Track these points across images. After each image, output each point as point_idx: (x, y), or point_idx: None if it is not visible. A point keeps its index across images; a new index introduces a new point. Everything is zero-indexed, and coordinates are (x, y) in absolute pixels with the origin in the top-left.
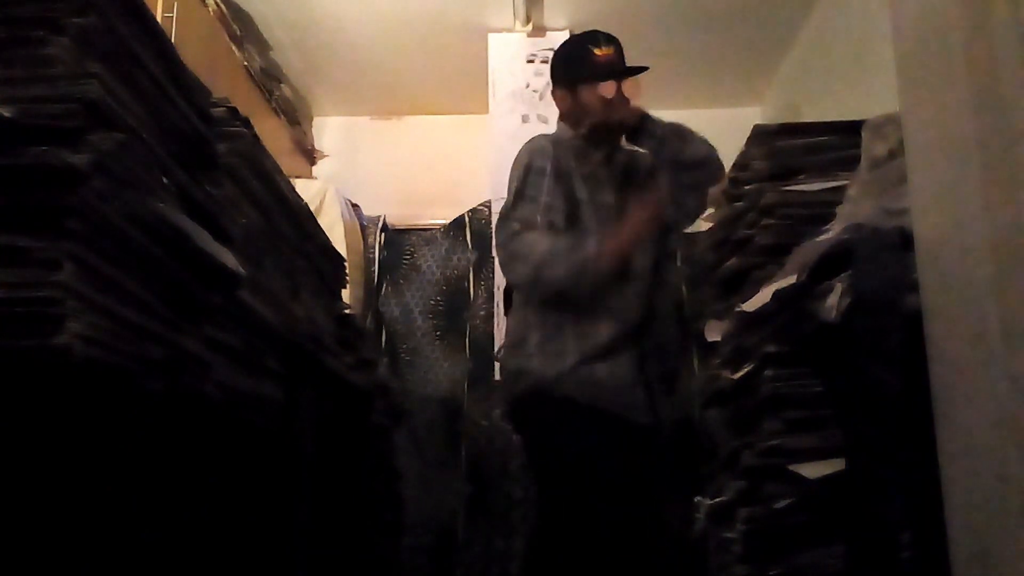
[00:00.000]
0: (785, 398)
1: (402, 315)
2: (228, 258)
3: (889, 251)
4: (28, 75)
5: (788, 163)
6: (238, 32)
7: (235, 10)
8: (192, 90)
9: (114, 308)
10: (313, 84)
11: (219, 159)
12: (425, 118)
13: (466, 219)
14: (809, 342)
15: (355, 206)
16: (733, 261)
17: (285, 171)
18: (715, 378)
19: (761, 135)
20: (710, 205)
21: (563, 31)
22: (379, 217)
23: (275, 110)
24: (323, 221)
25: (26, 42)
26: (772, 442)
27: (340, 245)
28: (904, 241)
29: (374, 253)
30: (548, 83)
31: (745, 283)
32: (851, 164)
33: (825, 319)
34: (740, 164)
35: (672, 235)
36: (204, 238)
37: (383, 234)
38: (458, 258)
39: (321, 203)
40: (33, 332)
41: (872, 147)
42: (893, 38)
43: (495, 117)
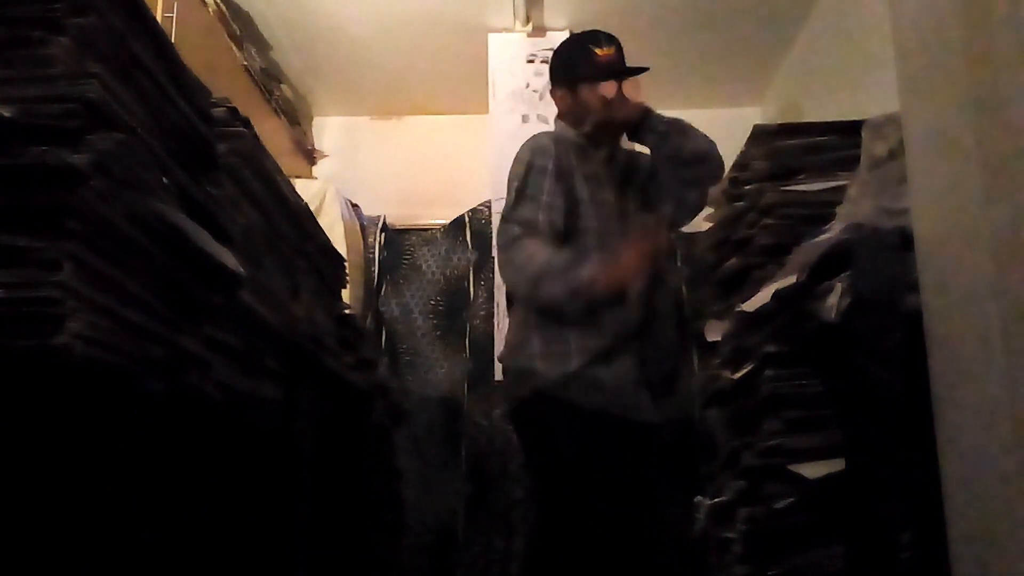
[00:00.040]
0: (785, 398)
1: (402, 315)
2: (228, 258)
3: (889, 251)
4: (28, 75)
5: (788, 163)
6: (238, 32)
7: (235, 10)
8: (192, 90)
9: (114, 308)
10: (313, 84)
11: (219, 159)
12: (425, 118)
13: (466, 219)
14: (809, 342)
15: (355, 206)
16: (733, 261)
17: (285, 171)
18: (715, 378)
19: (761, 135)
20: (710, 205)
21: (563, 31)
22: (379, 217)
23: (275, 110)
24: (323, 221)
25: (26, 42)
26: (772, 442)
27: (340, 245)
28: (904, 241)
29: (374, 253)
30: (548, 83)
31: (745, 283)
32: (851, 164)
33: (825, 319)
34: (740, 164)
35: (671, 237)
36: (204, 238)
37: (383, 234)
38: (458, 258)
39: (321, 203)
40: (33, 332)
41: (872, 147)
42: (893, 38)
43: (495, 117)
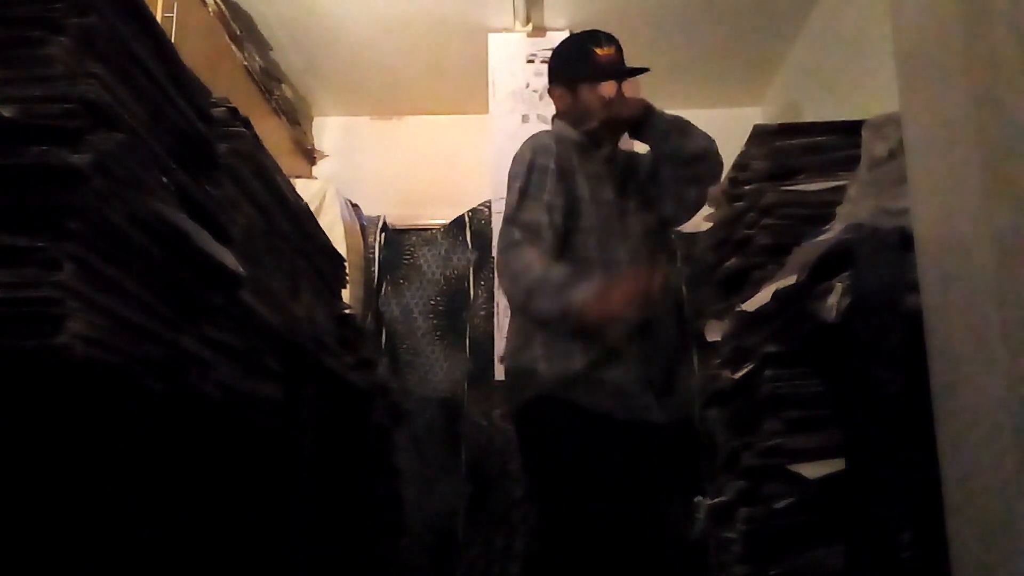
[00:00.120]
0: (785, 398)
1: (402, 315)
2: (228, 258)
3: (889, 251)
4: (28, 75)
5: (788, 163)
6: (238, 32)
7: (235, 10)
8: (192, 90)
9: (114, 308)
10: (313, 84)
11: (219, 159)
12: (425, 118)
13: (466, 219)
14: (809, 342)
15: (355, 206)
16: (733, 261)
17: (285, 171)
18: (715, 378)
19: (761, 135)
20: (710, 205)
21: (563, 31)
22: (379, 217)
23: (275, 110)
24: (323, 221)
25: (26, 42)
26: (772, 442)
27: (340, 245)
28: (904, 241)
29: (374, 253)
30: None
31: (745, 283)
32: (851, 164)
33: (825, 319)
34: (740, 164)
35: (670, 236)
36: (204, 238)
37: (383, 234)
38: (458, 258)
39: (321, 203)
40: (33, 332)
41: (872, 147)
42: (893, 38)
43: (495, 117)
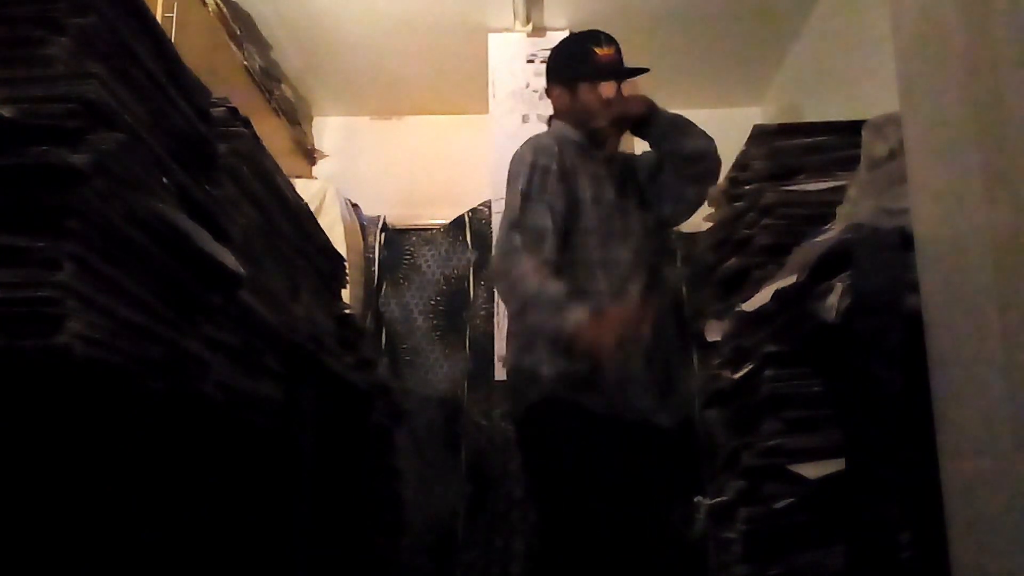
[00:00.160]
0: (785, 398)
1: (402, 315)
2: (228, 258)
3: (889, 251)
4: (28, 75)
5: (788, 163)
6: (238, 32)
7: (235, 10)
8: (192, 90)
9: (114, 308)
10: (313, 84)
11: (219, 159)
12: (425, 118)
13: (466, 219)
14: (809, 342)
15: (355, 206)
16: (733, 261)
17: (285, 171)
18: (715, 378)
19: (761, 135)
20: (710, 205)
21: (563, 31)
22: (379, 217)
23: (275, 110)
24: (323, 221)
25: (26, 42)
26: (772, 442)
27: (340, 245)
28: (904, 241)
29: (374, 253)
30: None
31: (745, 283)
32: (851, 164)
33: (825, 319)
34: (740, 164)
35: (669, 236)
36: (204, 238)
37: (383, 234)
38: (458, 258)
39: (321, 203)
40: (33, 332)
41: (872, 147)
42: (893, 38)
43: (495, 117)
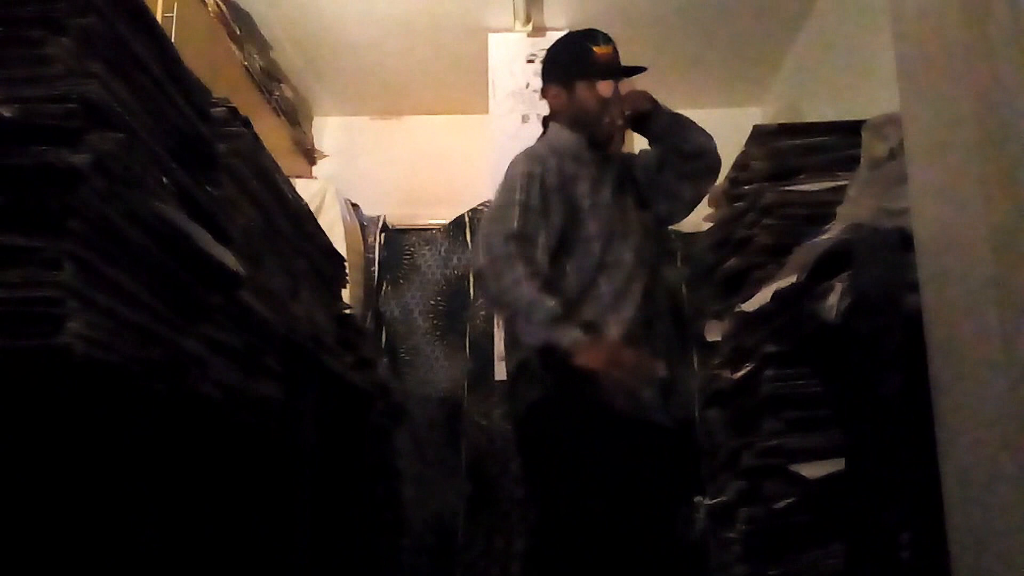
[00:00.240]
0: (785, 398)
1: (402, 315)
2: (228, 258)
3: (889, 251)
4: (28, 75)
5: (788, 163)
6: (238, 32)
7: (235, 10)
8: (192, 90)
9: (114, 308)
10: (313, 84)
11: (219, 159)
12: (425, 118)
13: (466, 219)
14: (809, 342)
15: (355, 206)
16: (733, 261)
17: (285, 171)
18: (715, 378)
19: (761, 135)
20: (710, 205)
21: (563, 31)
22: (379, 217)
23: (275, 110)
24: (323, 221)
25: (26, 42)
26: (772, 442)
27: (340, 245)
28: (904, 241)
29: (374, 253)
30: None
31: (745, 283)
32: (851, 164)
33: (825, 319)
34: (740, 164)
35: (668, 235)
36: (204, 238)
37: (383, 234)
38: (458, 258)
39: (321, 203)
40: (33, 332)
41: (872, 147)
42: (893, 38)
43: (495, 117)
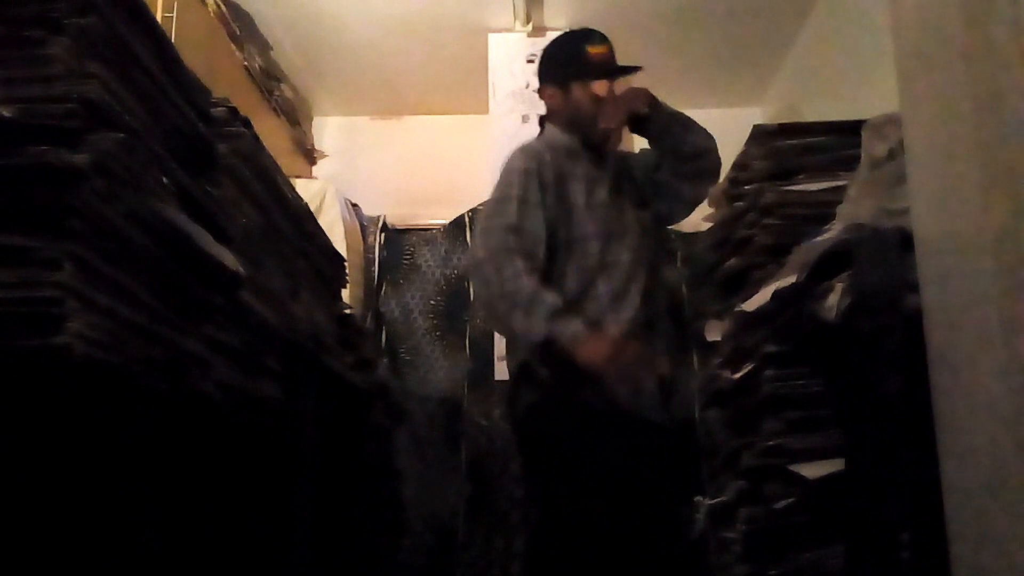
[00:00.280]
0: (785, 398)
1: (402, 315)
2: (228, 258)
3: (889, 251)
4: (28, 75)
5: (788, 163)
6: (238, 32)
7: (235, 10)
8: (192, 90)
9: (114, 308)
10: (313, 84)
11: (219, 159)
12: (425, 118)
13: (466, 219)
14: (809, 342)
15: (355, 206)
16: (733, 261)
17: (285, 171)
18: (715, 378)
19: (761, 135)
20: (710, 205)
21: (563, 31)
22: (379, 217)
23: (275, 110)
24: (323, 221)
25: (26, 42)
26: (772, 442)
27: (340, 245)
28: (904, 241)
29: (374, 253)
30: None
31: (745, 283)
32: (851, 164)
33: (825, 319)
34: (740, 164)
35: (668, 234)
36: (204, 238)
37: (383, 234)
38: (458, 258)
39: (321, 203)
40: (33, 332)
41: (872, 147)
42: (893, 38)
43: (495, 117)
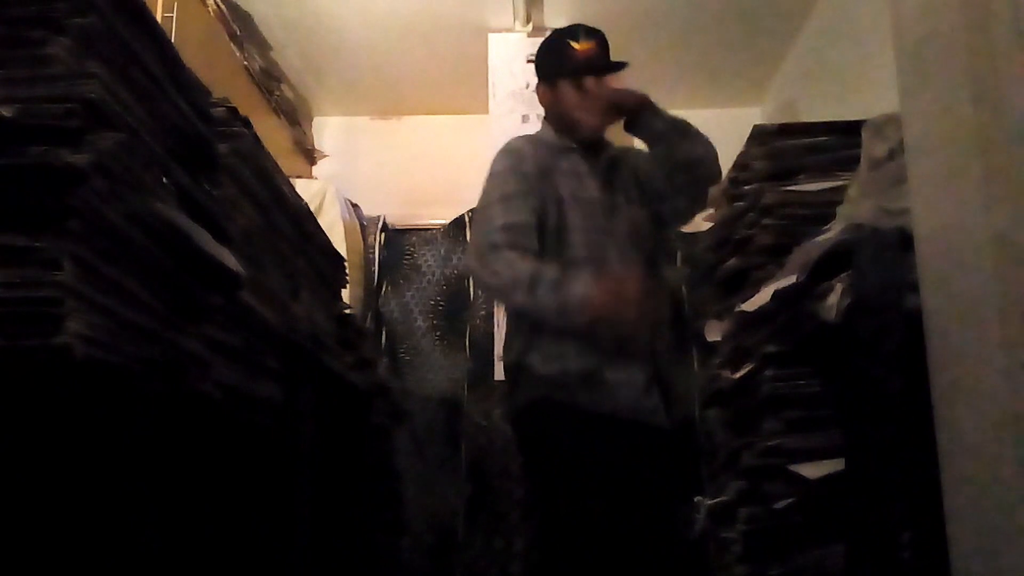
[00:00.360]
0: (785, 398)
1: (402, 315)
2: (228, 258)
3: (889, 251)
4: (28, 75)
5: (788, 163)
6: (238, 32)
7: (235, 10)
8: (192, 90)
9: (114, 308)
10: (313, 84)
11: (219, 159)
12: (425, 118)
13: (466, 219)
14: (809, 342)
15: (355, 206)
16: (733, 261)
17: (285, 171)
18: (715, 378)
19: (761, 135)
20: (710, 205)
21: None
22: (379, 217)
23: (275, 110)
24: (323, 221)
25: (26, 42)
26: (772, 442)
27: (340, 245)
28: (904, 241)
29: (374, 253)
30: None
31: (745, 283)
32: (851, 164)
33: (825, 319)
34: (740, 164)
35: (667, 235)
36: (204, 238)
37: (383, 234)
38: (458, 258)
39: (321, 203)
40: (33, 332)
41: (872, 147)
42: (893, 38)
43: (495, 117)
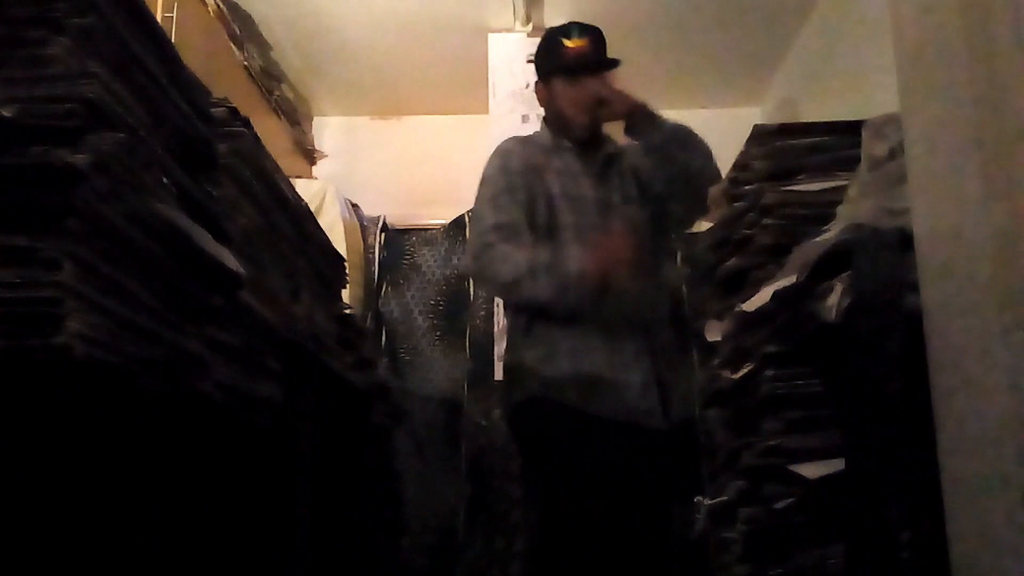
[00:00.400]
0: (785, 398)
1: (402, 315)
2: (228, 258)
3: (889, 251)
4: (28, 75)
5: (788, 163)
6: (238, 32)
7: (235, 10)
8: (192, 90)
9: (114, 308)
10: (313, 84)
11: (219, 159)
12: (425, 118)
13: (466, 219)
14: (809, 342)
15: (355, 206)
16: (733, 261)
17: (285, 171)
18: (715, 378)
19: (761, 135)
20: (710, 205)
21: None
22: (379, 217)
23: (275, 110)
24: (323, 221)
25: (26, 42)
26: (772, 442)
27: (340, 245)
28: (904, 241)
29: (374, 253)
30: None
31: (745, 283)
32: (851, 164)
33: (825, 319)
34: (740, 164)
35: (666, 236)
36: (204, 238)
37: (383, 234)
38: (458, 258)
39: (321, 203)
40: (33, 332)
41: (872, 147)
42: (893, 38)
43: (495, 117)
